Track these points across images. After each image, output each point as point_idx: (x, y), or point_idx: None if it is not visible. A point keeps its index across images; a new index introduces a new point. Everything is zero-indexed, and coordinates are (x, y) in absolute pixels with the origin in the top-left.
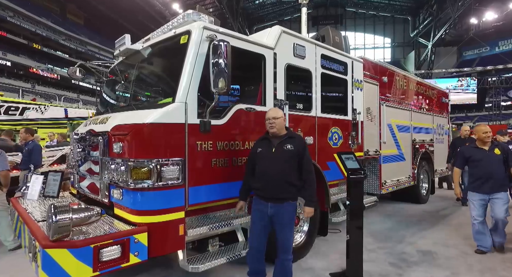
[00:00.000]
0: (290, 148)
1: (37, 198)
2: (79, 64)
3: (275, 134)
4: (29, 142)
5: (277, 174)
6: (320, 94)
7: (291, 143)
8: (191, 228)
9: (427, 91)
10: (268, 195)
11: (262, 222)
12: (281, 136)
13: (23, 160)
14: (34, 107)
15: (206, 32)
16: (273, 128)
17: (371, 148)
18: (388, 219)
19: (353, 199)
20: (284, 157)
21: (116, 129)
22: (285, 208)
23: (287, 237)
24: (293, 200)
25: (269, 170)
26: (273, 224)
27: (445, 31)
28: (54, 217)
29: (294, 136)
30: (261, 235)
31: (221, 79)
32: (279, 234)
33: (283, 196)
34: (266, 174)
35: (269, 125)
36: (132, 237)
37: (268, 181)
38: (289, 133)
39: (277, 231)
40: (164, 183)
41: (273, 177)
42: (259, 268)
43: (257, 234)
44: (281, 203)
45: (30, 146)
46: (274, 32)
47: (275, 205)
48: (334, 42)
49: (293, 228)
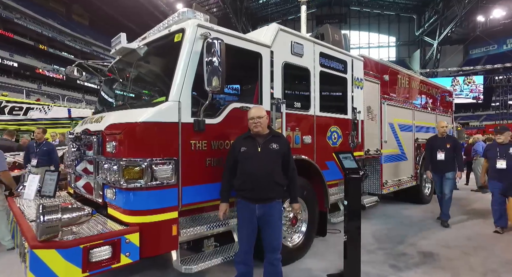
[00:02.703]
0: (275, 148)
1: (33, 197)
2: (77, 63)
3: (259, 133)
4: (44, 142)
5: (265, 175)
6: (319, 92)
7: (277, 142)
8: (184, 228)
9: (430, 90)
10: (256, 196)
11: (251, 225)
12: (265, 135)
13: (40, 160)
14: (38, 107)
15: (201, 30)
16: (257, 127)
17: (372, 147)
18: (390, 220)
19: (351, 199)
20: (271, 156)
21: (109, 128)
22: (273, 207)
23: (276, 236)
24: (280, 198)
25: (257, 171)
26: (261, 224)
27: (451, 29)
28: (42, 217)
29: (278, 134)
30: (250, 238)
31: (215, 78)
32: (267, 234)
33: (271, 196)
34: (252, 174)
35: (253, 125)
36: (123, 237)
37: (256, 182)
38: (272, 132)
39: (265, 231)
40: (157, 182)
41: (261, 178)
42: (247, 270)
43: (246, 238)
44: (270, 203)
45: (48, 146)
46: (271, 29)
47: (263, 205)
48: (333, 40)
49: (281, 227)
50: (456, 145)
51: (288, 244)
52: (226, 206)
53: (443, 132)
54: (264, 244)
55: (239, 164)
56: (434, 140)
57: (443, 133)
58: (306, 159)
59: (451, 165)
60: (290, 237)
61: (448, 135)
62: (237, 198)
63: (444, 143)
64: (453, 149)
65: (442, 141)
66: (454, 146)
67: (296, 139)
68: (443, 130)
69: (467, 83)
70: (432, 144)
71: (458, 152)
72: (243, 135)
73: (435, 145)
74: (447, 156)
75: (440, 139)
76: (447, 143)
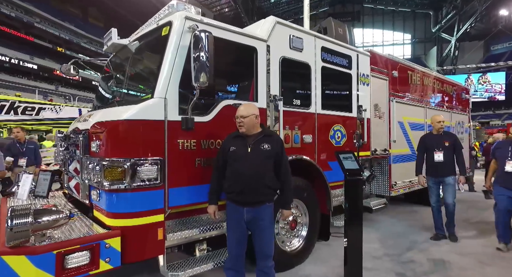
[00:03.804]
0: (267, 148)
1: (26, 198)
2: (73, 61)
3: (248, 133)
4: (27, 141)
5: (254, 177)
6: (321, 89)
7: (268, 142)
8: (172, 232)
9: (444, 87)
10: (244, 199)
11: (239, 229)
12: (257, 134)
13: (29, 159)
14: (49, 107)
15: (189, 22)
16: (241, 128)
17: (379, 147)
18: (399, 223)
19: (351, 202)
20: (261, 157)
21: (94, 127)
22: (263, 211)
23: (267, 242)
24: (271, 201)
25: (245, 172)
26: (251, 229)
27: (470, 24)
28: (10, 221)
29: (271, 134)
30: (240, 243)
31: (202, 73)
32: (257, 240)
33: (260, 200)
34: (241, 176)
35: (238, 124)
36: (103, 242)
37: (244, 184)
38: (265, 131)
39: (255, 236)
40: (141, 184)
41: (249, 180)
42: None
43: (235, 242)
44: (258, 207)
45: (33, 144)
46: (268, 23)
47: (252, 209)
48: (337, 34)
49: (273, 232)
50: (456, 144)
51: (286, 249)
52: (214, 209)
53: (440, 128)
54: (255, 250)
55: (228, 165)
56: (429, 138)
57: (439, 129)
58: (306, 159)
59: (451, 167)
60: (289, 242)
61: (446, 131)
62: (226, 200)
63: (442, 141)
64: (453, 148)
65: (438, 138)
66: (455, 144)
67: (295, 138)
68: (440, 126)
69: (482, 82)
70: (427, 142)
71: (460, 152)
72: (233, 134)
73: (431, 144)
74: (447, 157)
75: (437, 137)
76: (446, 141)
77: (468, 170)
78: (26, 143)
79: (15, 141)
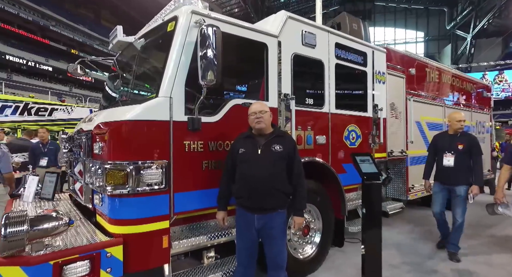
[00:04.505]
0: (279, 149)
1: (31, 200)
2: (79, 60)
3: (262, 132)
4: (50, 142)
5: (265, 181)
6: (334, 88)
7: (280, 143)
8: (177, 240)
9: (464, 84)
10: (254, 205)
11: (249, 237)
12: (268, 135)
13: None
14: (61, 108)
15: (195, 17)
16: (260, 123)
17: (396, 148)
18: (417, 228)
19: (369, 208)
20: (272, 159)
21: (97, 128)
22: (274, 219)
23: (279, 252)
24: (283, 208)
25: (255, 176)
26: (262, 237)
27: (488, 20)
28: (3, 230)
29: (282, 134)
30: (250, 252)
31: (210, 70)
32: (269, 249)
33: (271, 206)
34: (251, 180)
35: (256, 120)
36: (104, 250)
37: (254, 189)
38: (276, 131)
39: (266, 245)
40: (145, 188)
41: (260, 184)
42: None
43: (244, 251)
44: (270, 213)
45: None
46: (279, 17)
47: (263, 216)
48: (351, 30)
49: (285, 241)
50: (472, 146)
51: (299, 256)
52: (224, 215)
53: (459, 129)
54: (267, 260)
55: (238, 167)
56: (441, 139)
57: (457, 130)
58: (319, 161)
59: (464, 175)
60: (301, 249)
61: (464, 132)
62: (236, 206)
63: (455, 142)
64: (468, 151)
65: (451, 139)
66: (470, 147)
67: (308, 139)
68: (459, 126)
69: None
70: (437, 143)
71: (477, 158)
72: (243, 134)
73: (442, 144)
74: (459, 162)
75: (450, 137)
76: (460, 143)
77: (490, 173)
78: (48, 144)
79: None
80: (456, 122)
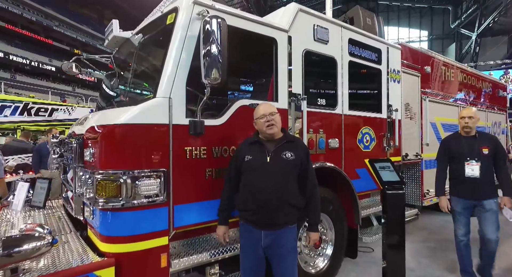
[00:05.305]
0: (290, 157)
1: (20, 208)
2: (74, 59)
3: (272, 137)
4: None
5: (275, 193)
6: (348, 87)
7: (291, 150)
8: (177, 258)
9: (480, 83)
10: (261, 220)
11: (255, 255)
12: (278, 140)
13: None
14: (62, 109)
15: (198, 8)
16: (272, 127)
17: (410, 151)
18: (433, 236)
19: (391, 219)
20: (283, 168)
21: (88, 132)
22: (284, 235)
23: (289, 271)
24: (293, 223)
25: (265, 188)
26: (270, 256)
27: (493, 19)
28: None
29: (294, 140)
30: (255, 272)
31: (214, 67)
32: (277, 269)
33: (282, 221)
34: (258, 192)
35: (267, 124)
36: (93, 274)
37: (262, 202)
38: (287, 136)
39: (275, 265)
40: (140, 201)
41: (269, 197)
42: None
43: (249, 271)
44: (279, 230)
45: None
46: (289, 10)
47: (271, 232)
48: (365, 25)
49: (296, 258)
50: (499, 150)
51: (310, 270)
52: (225, 230)
53: (464, 128)
54: None
55: (243, 177)
56: (455, 142)
57: (463, 128)
58: (333, 167)
59: (491, 186)
60: (312, 262)
61: (483, 133)
62: (239, 219)
63: (477, 146)
64: (493, 156)
65: (470, 143)
66: (496, 151)
67: (320, 143)
68: (463, 123)
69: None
70: (452, 148)
71: (503, 162)
72: (249, 139)
73: (459, 150)
74: (485, 170)
75: (467, 140)
76: (484, 147)
77: None
78: None
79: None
80: (460, 119)
